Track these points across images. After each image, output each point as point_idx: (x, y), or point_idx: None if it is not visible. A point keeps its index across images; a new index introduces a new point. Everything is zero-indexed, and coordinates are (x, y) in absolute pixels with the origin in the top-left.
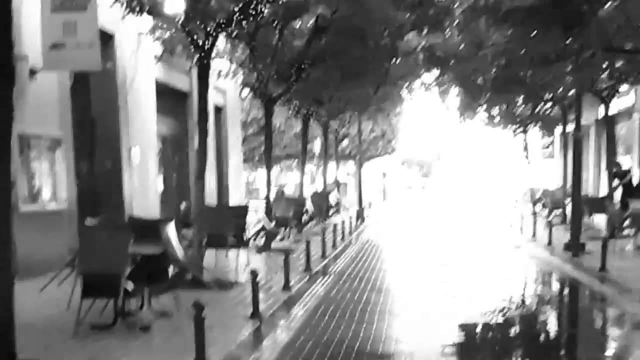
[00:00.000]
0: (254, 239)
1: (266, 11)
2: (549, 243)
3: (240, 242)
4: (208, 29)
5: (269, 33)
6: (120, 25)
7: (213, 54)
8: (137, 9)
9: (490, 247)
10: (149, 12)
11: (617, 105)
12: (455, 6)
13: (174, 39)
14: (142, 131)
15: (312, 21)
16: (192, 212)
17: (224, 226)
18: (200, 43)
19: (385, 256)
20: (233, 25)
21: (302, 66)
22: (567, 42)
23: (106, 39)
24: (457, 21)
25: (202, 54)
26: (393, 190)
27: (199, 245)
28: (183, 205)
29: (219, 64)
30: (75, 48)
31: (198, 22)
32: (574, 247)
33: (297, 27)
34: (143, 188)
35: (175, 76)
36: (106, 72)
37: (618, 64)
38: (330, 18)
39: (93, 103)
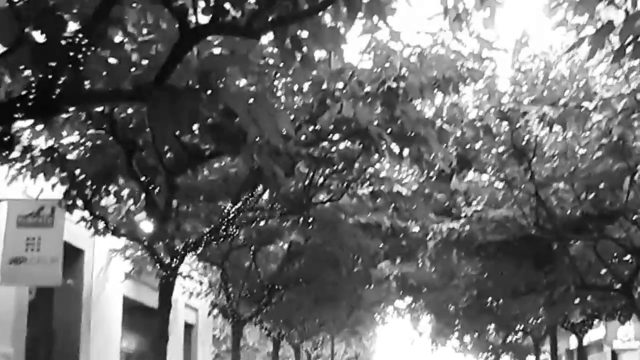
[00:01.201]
0: None
1: (238, 233)
2: None
3: None
4: (176, 248)
5: (242, 255)
6: (91, 242)
7: (184, 273)
8: (102, 230)
9: None
10: (114, 233)
11: (588, 336)
12: (428, 238)
13: (144, 258)
14: (104, 347)
15: (285, 246)
16: None
17: None
18: (166, 262)
19: None
20: (202, 246)
21: (275, 289)
22: (540, 277)
23: (76, 254)
24: (429, 253)
25: (167, 272)
26: None
27: None
28: None
29: (190, 283)
30: (37, 263)
31: (165, 242)
32: None
33: (271, 250)
34: None
35: (145, 292)
36: (72, 286)
37: (590, 299)
38: (304, 244)
39: (55, 317)
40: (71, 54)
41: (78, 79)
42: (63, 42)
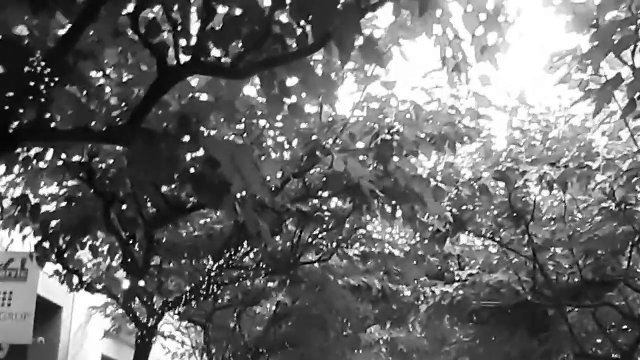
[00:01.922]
0: None
1: (222, 293)
2: None
3: None
4: (155, 306)
5: (226, 316)
6: (70, 298)
7: (166, 333)
8: (77, 286)
9: None
10: (88, 289)
11: None
12: (420, 302)
13: (124, 316)
14: None
15: (272, 307)
16: None
17: None
18: (144, 321)
19: None
20: (182, 305)
21: (260, 352)
22: (535, 345)
23: (53, 310)
24: (421, 318)
25: (145, 332)
26: None
27: None
28: None
29: (173, 344)
30: (7, 319)
31: (143, 300)
32: None
33: (257, 311)
34: None
35: (125, 351)
36: (48, 344)
37: None
38: (291, 306)
39: None
40: (32, 84)
41: (40, 114)
42: (24, 73)
